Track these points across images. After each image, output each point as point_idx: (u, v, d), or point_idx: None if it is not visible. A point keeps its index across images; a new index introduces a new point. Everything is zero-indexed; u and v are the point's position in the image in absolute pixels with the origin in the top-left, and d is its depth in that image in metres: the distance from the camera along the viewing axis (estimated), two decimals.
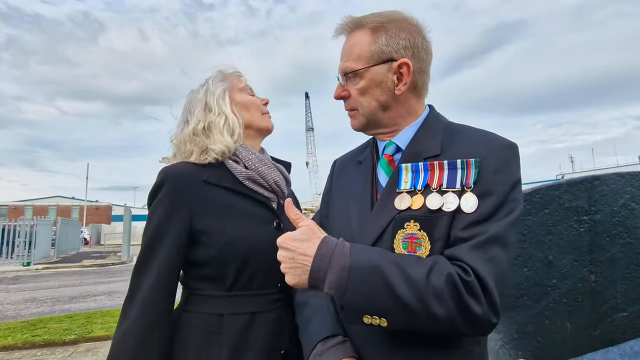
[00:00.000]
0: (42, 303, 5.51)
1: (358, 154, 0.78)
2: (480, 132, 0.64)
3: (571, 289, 1.04)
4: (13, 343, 3.27)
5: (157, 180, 0.77)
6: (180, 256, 0.74)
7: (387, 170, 0.67)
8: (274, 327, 0.76)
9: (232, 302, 0.75)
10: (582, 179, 1.17)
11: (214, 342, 0.73)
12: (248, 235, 0.76)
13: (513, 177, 0.58)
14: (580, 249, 1.10)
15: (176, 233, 0.73)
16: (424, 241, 0.56)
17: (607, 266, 1.12)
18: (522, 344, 0.99)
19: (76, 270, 9.95)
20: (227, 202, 0.78)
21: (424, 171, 0.60)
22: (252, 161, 0.82)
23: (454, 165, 0.58)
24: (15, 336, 3.43)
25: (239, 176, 0.80)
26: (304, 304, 0.68)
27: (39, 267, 10.18)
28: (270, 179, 0.83)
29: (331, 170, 0.83)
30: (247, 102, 0.88)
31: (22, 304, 5.43)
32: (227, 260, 0.75)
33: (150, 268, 0.72)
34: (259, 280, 0.77)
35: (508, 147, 0.60)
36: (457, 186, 0.57)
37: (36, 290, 6.63)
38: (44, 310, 4.93)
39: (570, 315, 1.03)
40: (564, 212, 1.10)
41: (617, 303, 1.11)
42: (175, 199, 0.74)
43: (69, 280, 7.92)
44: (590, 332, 1.04)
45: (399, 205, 0.60)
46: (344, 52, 0.67)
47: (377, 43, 0.64)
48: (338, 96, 0.69)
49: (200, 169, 0.78)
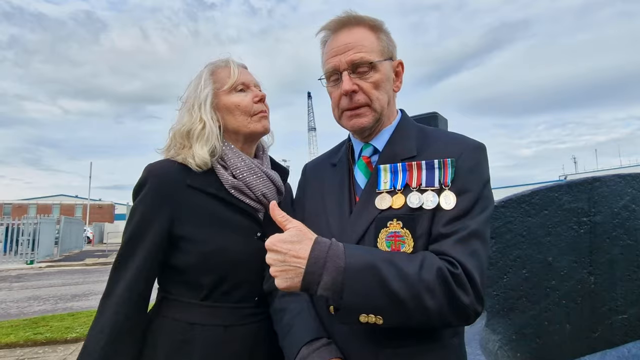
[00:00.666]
0: (44, 301, 5.54)
1: (331, 157, 0.77)
2: (451, 135, 0.67)
3: (570, 290, 1.04)
4: (15, 341, 3.27)
5: (141, 176, 0.74)
6: (158, 257, 0.73)
7: (365, 171, 0.68)
8: (248, 341, 0.74)
9: (205, 313, 0.73)
10: (582, 180, 1.17)
11: (183, 351, 0.71)
12: (228, 247, 0.73)
13: (485, 176, 0.61)
14: (579, 251, 1.09)
15: (156, 234, 0.71)
16: (407, 238, 0.58)
17: (607, 268, 1.12)
18: (521, 345, 0.99)
19: (79, 268, 9.97)
20: (210, 209, 0.74)
21: (402, 171, 0.62)
22: (240, 169, 0.77)
23: (431, 165, 0.61)
24: (17, 334, 3.44)
25: (225, 184, 0.76)
26: (283, 310, 0.67)
27: (42, 266, 10.23)
28: (257, 190, 0.78)
29: (303, 175, 0.81)
30: (232, 106, 0.79)
31: (25, 302, 5.47)
32: (204, 271, 0.72)
33: (127, 268, 0.70)
34: (236, 294, 0.75)
35: (479, 148, 0.63)
36: (436, 185, 0.60)
37: (39, 289, 6.68)
38: (46, 309, 4.95)
39: (570, 317, 1.03)
40: (564, 214, 1.09)
41: (617, 305, 1.10)
42: (156, 199, 0.72)
43: (71, 278, 7.97)
44: (589, 334, 1.04)
45: (380, 205, 0.61)
46: (351, 44, 0.64)
47: (381, 40, 0.66)
48: (351, 89, 0.64)
49: (186, 171, 0.74)
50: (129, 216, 0.75)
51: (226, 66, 0.82)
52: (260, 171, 0.80)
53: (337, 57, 0.64)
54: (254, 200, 0.79)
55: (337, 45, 0.65)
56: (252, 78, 0.84)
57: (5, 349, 3.15)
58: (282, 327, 0.66)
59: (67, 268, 10.06)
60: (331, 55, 0.65)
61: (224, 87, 0.79)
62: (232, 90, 0.80)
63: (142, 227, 0.72)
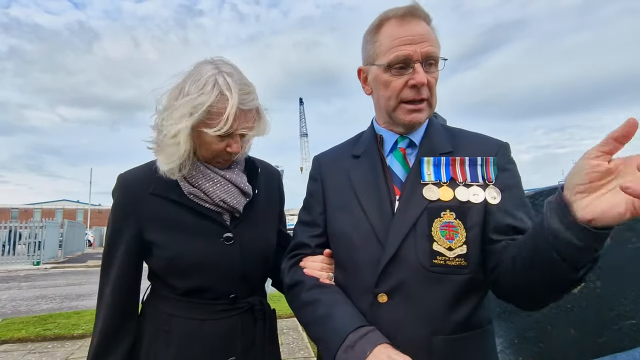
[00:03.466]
0: (51, 300, 5.64)
1: (349, 149, 0.76)
2: (478, 134, 0.73)
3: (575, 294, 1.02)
4: (26, 336, 3.41)
5: (114, 186, 0.78)
6: (135, 260, 0.77)
7: (402, 162, 0.69)
8: (224, 334, 0.76)
9: (182, 306, 0.76)
10: None
11: (162, 339, 0.75)
12: (192, 251, 0.74)
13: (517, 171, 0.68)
14: None
15: (128, 242, 0.76)
16: (460, 229, 0.61)
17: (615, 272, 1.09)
18: (523, 349, 0.97)
19: (82, 269, 10.17)
20: (172, 216, 0.75)
21: (445, 165, 0.65)
22: (194, 178, 0.76)
23: (474, 162, 0.65)
24: (28, 329, 3.57)
25: (184, 190, 0.77)
26: (315, 301, 0.66)
27: (48, 267, 10.43)
28: (215, 197, 0.76)
29: (316, 168, 0.79)
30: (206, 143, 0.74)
31: (34, 300, 5.58)
32: (172, 274, 0.76)
33: (108, 274, 0.76)
34: (209, 293, 0.77)
35: (508, 147, 0.69)
36: (480, 180, 0.64)
37: (46, 288, 6.79)
38: (53, 307, 5.05)
39: (574, 322, 1.01)
40: None
41: (626, 310, 1.08)
42: (123, 210, 0.76)
43: (75, 279, 8.10)
44: (595, 339, 1.02)
45: (429, 196, 0.63)
46: (425, 36, 0.63)
47: (438, 39, 0.67)
48: (425, 82, 0.62)
49: (150, 178, 0.76)
50: (108, 223, 0.80)
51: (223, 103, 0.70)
52: (217, 177, 0.78)
53: (412, 46, 0.62)
54: (214, 205, 0.78)
55: (412, 34, 0.63)
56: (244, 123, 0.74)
57: (17, 343, 3.32)
58: (317, 318, 0.64)
59: (71, 269, 10.29)
60: (404, 42, 0.62)
61: (209, 130, 0.71)
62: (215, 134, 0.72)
63: (115, 237, 0.77)
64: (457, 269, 0.61)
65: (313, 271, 0.71)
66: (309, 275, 0.71)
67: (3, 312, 4.77)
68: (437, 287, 0.60)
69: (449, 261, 0.61)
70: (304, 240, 0.76)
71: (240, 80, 0.74)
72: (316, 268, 0.72)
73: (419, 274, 0.61)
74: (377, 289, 0.63)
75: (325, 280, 0.70)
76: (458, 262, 0.61)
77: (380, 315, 0.62)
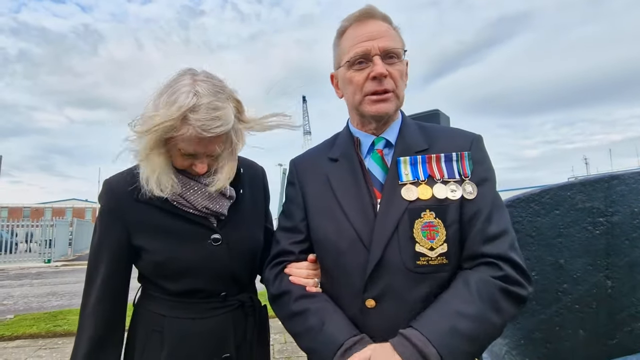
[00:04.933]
0: (61, 297, 5.77)
1: (324, 152, 0.76)
2: (449, 129, 0.73)
3: (584, 294, 0.99)
4: (38, 332, 3.50)
5: (99, 192, 0.78)
6: (122, 266, 0.77)
7: (381, 164, 0.68)
8: (217, 331, 0.76)
9: (173, 306, 0.77)
10: (598, 178, 1.11)
11: (155, 340, 0.75)
12: (180, 254, 0.75)
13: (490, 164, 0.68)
14: (595, 253, 1.04)
15: (115, 246, 0.75)
16: (440, 228, 0.62)
17: (627, 271, 1.05)
18: (529, 350, 0.95)
19: None
20: (158, 221, 0.75)
21: (422, 163, 0.66)
22: (174, 187, 0.74)
23: (450, 157, 0.65)
24: (39, 326, 3.66)
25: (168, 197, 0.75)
26: (304, 311, 0.66)
27: (58, 264, 10.66)
28: (197, 204, 0.76)
29: (293, 172, 0.78)
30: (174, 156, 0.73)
31: (45, 297, 5.72)
32: (161, 277, 0.77)
33: (94, 281, 0.75)
34: (200, 293, 0.77)
35: (481, 139, 0.69)
36: (457, 176, 0.64)
37: (56, 285, 6.96)
38: (63, 303, 5.17)
39: (584, 323, 0.97)
40: (577, 214, 1.04)
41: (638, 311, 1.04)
42: (110, 216, 0.76)
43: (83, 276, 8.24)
44: (606, 341, 0.98)
45: (408, 196, 0.63)
46: (382, 32, 0.67)
47: (399, 35, 0.69)
48: (383, 73, 0.65)
49: (134, 185, 0.74)
50: (94, 230, 0.79)
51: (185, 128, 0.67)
52: (198, 184, 0.77)
53: (370, 42, 0.66)
54: (198, 211, 0.78)
55: (369, 32, 0.67)
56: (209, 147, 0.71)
57: (29, 339, 3.40)
58: (308, 327, 0.64)
59: (80, 267, 10.48)
60: (361, 39, 0.66)
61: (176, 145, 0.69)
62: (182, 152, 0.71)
63: (101, 243, 0.76)
64: (439, 267, 0.62)
65: (299, 279, 0.70)
66: (295, 283, 0.69)
67: (16, 308, 4.90)
68: (422, 286, 0.61)
69: (431, 261, 0.61)
70: (287, 248, 0.74)
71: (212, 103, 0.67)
72: (302, 275, 0.70)
73: (404, 277, 0.61)
74: (365, 294, 0.62)
75: (312, 288, 0.69)
76: (440, 261, 0.62)
77: (370, 321, 0.62)
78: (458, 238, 0.63)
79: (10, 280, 7.61)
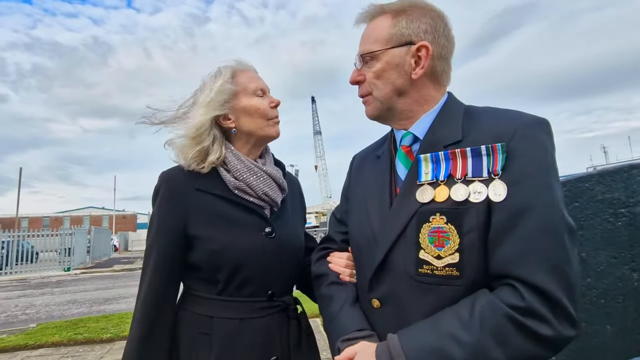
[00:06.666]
0: (81, 304, 5.95)
1: (376, 149, 0.76)
2: (503, 111, 0.59)
3: (610, 288, 0.95)
4: (60, 340, 3.61)
5: (156, 184, 0.80)
6: (176, 257, 0.77)
7: (405, 162, 0.65)
8: (264, 333, 0.77)
9: (222, 306, 0.77)
10: (618, 169, 1.07)
11: (203, 343, 0.75)
12: (237, 243, 0.77)
13: (547, 158, 0.53)
14: (618, 245, 1.00)
15: (170, 235, 0.76)
16: (452, 235, 0.53)
17: None
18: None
19: (108, 274, 10.63)
20: (218, 209, 0.78)
21: (445, 161, 0.57)
22: (240, 171, 0.81)
23: (477, 151, 0.54)
24: (61, 334, 3.77)
25: (229, 185, 0.80)
26: (330, 297, 0.70)
27: (77, 272, 10.98)
28: (258, 190, 0.81)
29: (350, 166, 0.82)
30: (252, 109, 0.82)
31: (65, 305, 5.90)
32: (216, 267, 0.76)
33: (147, 273, 0.77)
34: (248, 288, 0.78)
35: (538, 124, 0.54)
36: (484, 174, 0.53)
37: (76, 293, 7.16)
38: (83, 311, 5.33)
39: (610, 318, 0.94)
40: (597, 205, 1.01)
41: None
42: (169, 204, 0.77)
43: (102, 283, 8.50)
44: (636, 336, 0.95)
45: (421, 198, 0.57)
46: (363, 37, 0.67)
47: (397, 26, 0.63)
48: (353, 81, 0.67)
49: (194, 176, 0.79)
50: (149, 222, 0.81)
51: (246, 70, 0.86)
52: (260, 171, 0.83)
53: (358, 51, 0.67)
54: (257, 198, 0.82)
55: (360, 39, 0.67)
56: (266, 85, 0.87)
57: (51, 348, 3.51)
58: (328, 313, 0.68)
59: (98, 274, 10.80)
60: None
61: (246, 90, 0.83)
62: (252, 94, 0.83)
63: (158, 231, 0.78)
64: (447, 280, 0.54)
65: (337, 267, 0.74)
66: (334, 270, 0.74)
67: (38, 317, 5.07)
68: (427, 298, 0.55)
69: (437, 271, 0.54)
70: (332, 235, 0.80)
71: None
72: (340, 264, 0.74)
73: (407, 283, 0.57)
74: (370, 294, 0.62)
75: (347, 277, 0.72)
76: (448, 272, 0.54)
77: (375, 321, 0.62)
78: (479, 248, 0.52)
79: (32, 290, 7.87)
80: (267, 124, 0.84)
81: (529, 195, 0.50)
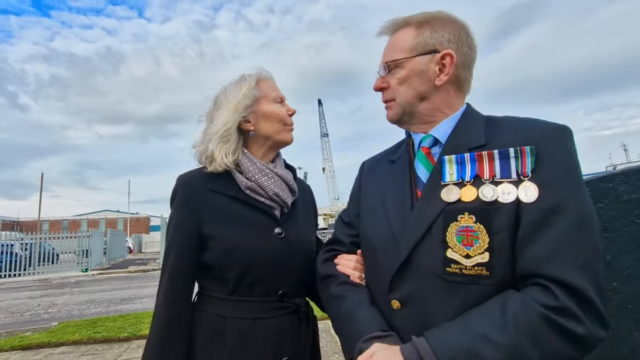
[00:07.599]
0: (99, 304, 6.15)
1: (389, 155, 0.77)
2: (525, 119, 0.61)
3: (637, 293, 0.91)
4: (80, 338, 3.75)
5: (174, 186, 0.84)
6: (192, 256, 0.79)
7: (425, 163, 0.65)
8: (275, 334, 0.78)
9: (233, 306, 0.78)
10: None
11: (216, 342, 0.76)
12: (248, 243, 0.79)
13: (574, 162, 0.55)
14: None
15: (186, 235, 0.79)
16: (481, 234, 0.54)
17: None
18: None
19: (124, 275, 10.97)
20: (230, 209, 0.81)
21: (470, 162, 0.58)
22: (252, 172, 0.84)
23: (505, 154, 0.55)
24: (81, 332, 3.93)
25: (241, 185, 0.84)
26: (342, 297, 0.68)
27: (95, 273, 11.41)
28: (269, 190, 0.84)
29: (360, 171, 0.83)
30: (272, 113, 0.87)
31: (84, 305, 6.13)
32: (228, 266, 0.78)
33: (165, 272, 0.79)
34: (260, 288, 0.80)
35: (563, 131, 0.56)
36: (513, 176, 0.54)
37: (94, 293, 7.42)
38: (101, 311, 5.52)
39: (639, 324, 0.90)
40: (622, 206, 0.96)
41: None
42: (185, 206, 0.81)
43: (118, 284, 8.78)
44: None
45: (447, 198, 0.58)
46: (387, 47, 0.69)
47: (421, 36, 0.66)
48: (378, 87, 0.70)
49: (208, 177, 0.83)
50: (168, 224, 0.84)
51: (268, 78, 0.93)
52: (271, 172, 0.86)
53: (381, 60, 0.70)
54: (267, 199, 0.85)
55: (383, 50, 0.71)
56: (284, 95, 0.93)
57: (72, 346, 3.67)
58: (340, 313, 0.67)
59: (114, 275, 11.17)
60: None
61: (268, 96, 0.88)
62: (273, 100, 0.89)
63: (175, 231, 0.80)
64: (476, 279, 0.53)
65: (346, 269, 0.73)
66: (342, 272, 0.73)
67: (59, 315, 5.28)
68: (453, 298, 0.54)
69: (465, 270, 0.54)
70: (340, 237, 0.80)
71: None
72: (349, 267, 0.73)
73: (432, 283, 0.56)
74: (390, 294, 0.61)
75: (356, 279, 0.71)
76: (477, 272, 0.53)
77: (395, 322, 0.61)
78: (509, 248, 0.52)
79: (53, 289, 8.22)
80: (284, 129, 0.89)
81: (562, 195, 0.51)
